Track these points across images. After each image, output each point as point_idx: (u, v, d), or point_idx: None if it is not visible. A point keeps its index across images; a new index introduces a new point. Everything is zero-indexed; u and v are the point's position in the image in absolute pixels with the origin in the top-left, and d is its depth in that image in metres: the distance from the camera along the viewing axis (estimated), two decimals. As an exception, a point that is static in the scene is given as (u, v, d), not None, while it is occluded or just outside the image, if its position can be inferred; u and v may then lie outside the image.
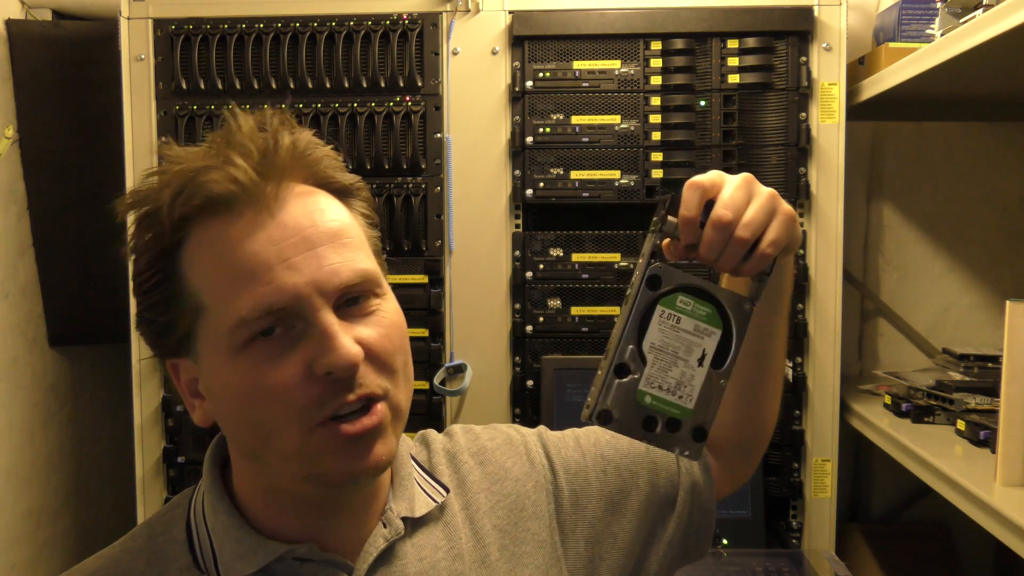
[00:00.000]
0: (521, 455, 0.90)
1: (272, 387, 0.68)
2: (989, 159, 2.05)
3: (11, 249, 1.92)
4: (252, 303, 0.67)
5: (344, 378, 0.69)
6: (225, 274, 0.69)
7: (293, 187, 0.72)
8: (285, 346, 0.69)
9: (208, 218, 0.70)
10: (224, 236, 0.69)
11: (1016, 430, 1.19)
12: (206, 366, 0.72)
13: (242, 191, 0.69)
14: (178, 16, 1.70)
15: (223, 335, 0.69)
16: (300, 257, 0.69)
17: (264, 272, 0.68)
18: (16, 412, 1.92)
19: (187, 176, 0.69)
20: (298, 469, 0.71)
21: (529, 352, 1.70)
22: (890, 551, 1.98)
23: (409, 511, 0.80)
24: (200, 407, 0.75)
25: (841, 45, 1.66)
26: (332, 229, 0.71)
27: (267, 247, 0.68)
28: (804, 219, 1.69)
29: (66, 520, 2.08)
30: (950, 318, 2.08)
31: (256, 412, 0.69)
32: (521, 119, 1.68)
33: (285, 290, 0.68)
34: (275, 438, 0.70)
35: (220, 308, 0.69)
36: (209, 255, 0.70)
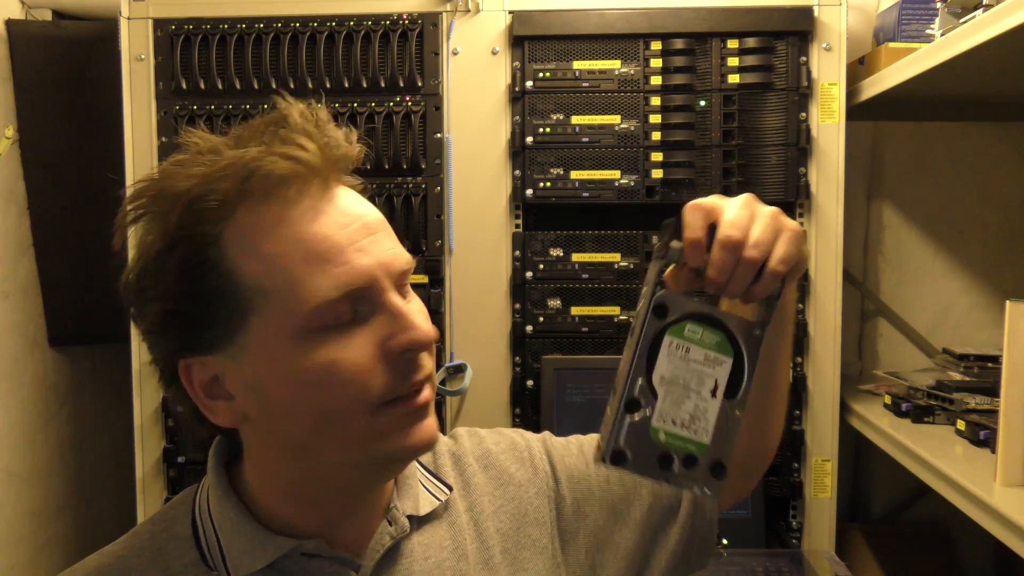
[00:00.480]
0: (525, 461, 0.90)
1: (347, 370, 0.68)
2: (989, 159, 2.05)
3: (11, 249, 1.92)
4: (331, 283, 0.67)
5: (414, 357, 0.71)
6: (295, 257, 0.68)
7: (339, 179, 0.74)
8: (353, 329, 0.69)
9: (260, 204, 0.68)
10: (286, 219, 0.68)
11: (1016, 430, 1.19)
12: (257, 356, 0.69)
13: (309, 173, 0.69)
14: (178, 16, 1.70)
15: (295, 318, 0.67)
16: (366, 241, 0.70)
17: (338, 253, 0.68)
18: (16, 412, 1.92)
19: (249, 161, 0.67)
20: (359, 454, 0.71)
21: (529, 352, 1.70)
22: (890, 551, 1.98)
23: (414, 509, 0.81)
24: (226, 407, 0.72)
25: (841, 45, 1.66)
26: (381, 218, 0.74)
27: (336, 230, 0.69)
28: (804, 219, 1.69)
29: (66, 520, 2.08)
30: (950, 318, 2.08)
31: (322, 398, 0.69)
32: (521, 119, 1.68)
33: (361, 271, 0.69)
34: (339, 423, 0.70)
35: (291, 292, 0.67)
36: (271, 239, 0.68)
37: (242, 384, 0.71)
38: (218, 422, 0.73)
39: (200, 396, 0.72)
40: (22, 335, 1.94)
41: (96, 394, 2.17)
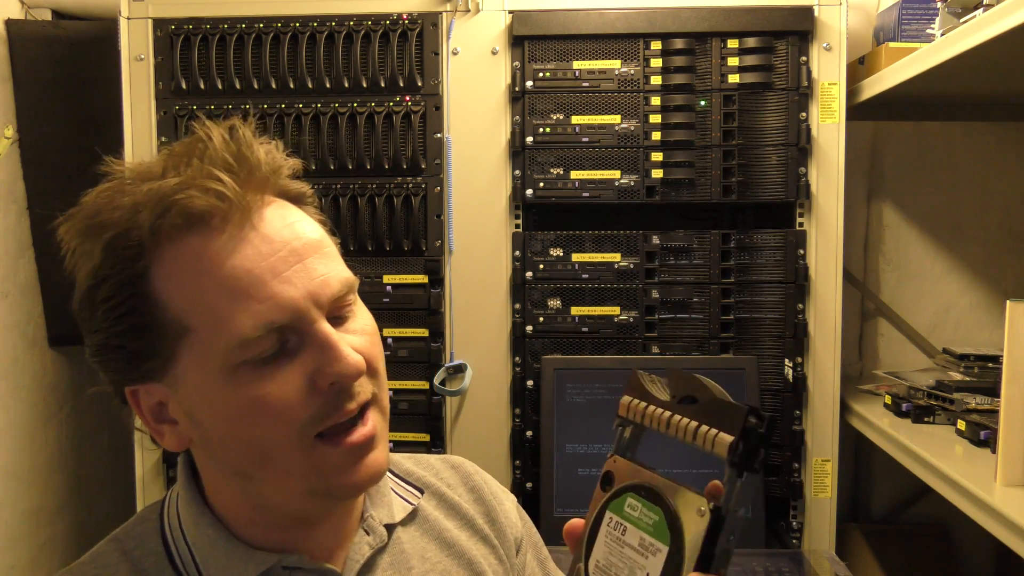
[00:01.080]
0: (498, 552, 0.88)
1: (273, 404, 0.66)
2: (989, 159, 2.05)
3: (11, 249, 1.92)
4: (253, 321, 0.65)
5: (346, 388, 0.68)
6: (216, 292, 0.66)
7: (269, 199, 0.70)
8: (282, 362, 0.67)
9: (183, 235, 0.66)
10: (207, 253, 0.66)
11: (1016, 430, 1.19)
12: (189, 388, 0.69)
13: (225, 204, 0.66)
14: (178, 16, 1.70)
15: (217, 355, 0.66)
16: (291, 271, 0.67)
17: (259, 288, 0.66)
18: (16, 412, 1.92)
19: (164, 195, 0.65)
20: (298, 485, 0.70)
21: (529, 352, 1.70)
22: (890, 551, 1.98)
23: (389, 517, 0.81)
24: (172, 432, 0.72)
25: (841, 45, 1.66)
26: (313, 240, 0.70)
27: (257, 262, 0.66)
28: (804, 219, 1.69)
29: (66, 520, 2.08)
30: (950, 318, 2.08)
31: (253, 432, 0.67)
32: (521, 119, 1.68)
33: (284, 305, 0.66)
34: (273, 456, 0.68)
35: (213, 328, 0.66)
36: (192, 274, 0.66)
37: (182, 412, 0.71)
38: (165, 446, 0.73)
39: (149, 420, 0.73)
40: (22, 335, 1.94)
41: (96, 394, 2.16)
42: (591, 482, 1.90)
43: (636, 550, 0.58)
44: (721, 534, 0.55)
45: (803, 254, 1.67)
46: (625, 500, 0.60)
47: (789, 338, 1.68)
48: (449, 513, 0.87)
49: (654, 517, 0.58)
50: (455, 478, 0.91)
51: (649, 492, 0.59)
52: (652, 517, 0.58)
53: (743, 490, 0.55)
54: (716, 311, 1.69)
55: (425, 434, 1.71)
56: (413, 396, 1.70)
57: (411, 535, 0.82)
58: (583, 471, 1.64)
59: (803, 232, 1.68)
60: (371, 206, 1.70)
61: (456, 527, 0.86)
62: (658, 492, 0.58)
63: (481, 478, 0.93)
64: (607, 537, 0.60)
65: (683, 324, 1.69)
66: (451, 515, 0.87)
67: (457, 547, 0.84)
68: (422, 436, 1.71)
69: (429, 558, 0.82)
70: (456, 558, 0.83)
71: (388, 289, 1.70)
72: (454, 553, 0.84)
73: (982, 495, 1.20)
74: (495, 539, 0.88)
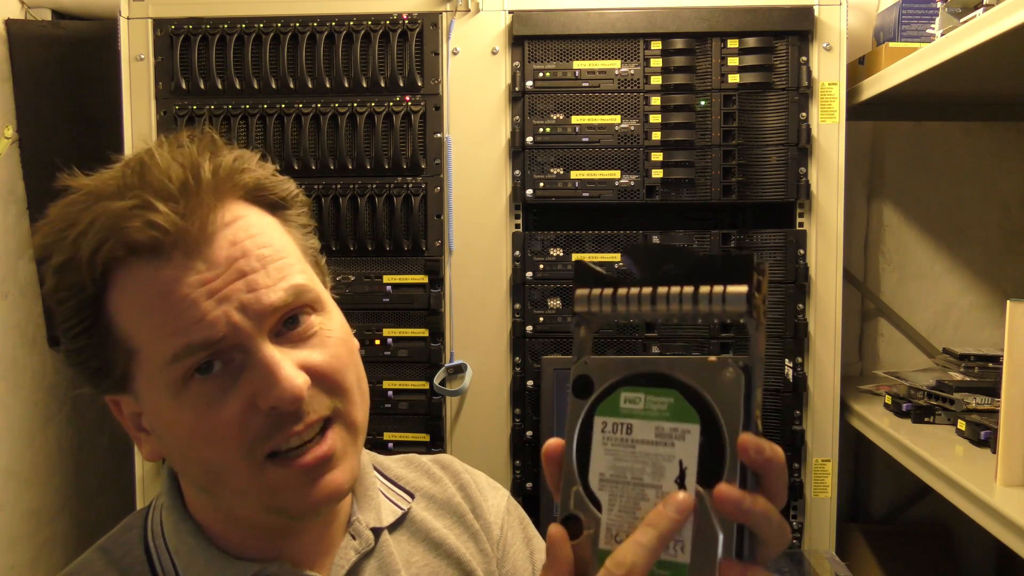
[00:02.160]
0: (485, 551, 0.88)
1: (215, 426, 0.65)
2: (989, 159, 2.05)
3: (11, 249, 1.92)
4: (183, 340, 0.64)
5: (288, 411, 0.66)
6: (154, 317, 0.66)
7: (221, 217, 0.67)
8: (226, 383, 0.66)
9: (133, 261, 0.66)
10: (152, 281, 0.65)
11: (1017, 430, 1.19)
12: (148, 405, 0.70)
13: (166, 236, 0.64)
14: (178, 16, 1.70)
15: (159, 376, 0.66)
16: (230, 288, 0.66)
17: (193, 308, 0.65)
18: (16, 412, 1.92)
19: (104, 224, 0.64)
20: (255, 503, 0.69)
21: (529, 352, 1.70)
22: (890, 551, 1.98)
23: (377, 521, 0.79)
24: (147, 441, 0.72)
25: (841, 45, 1.66)
26: (263, 255, 0.68)
27: (196, 287, 0.65)
28: (804, 219, 1.69)
29: (66, 520, 2.08)
30: (950, 318, 2.08)
31: (202, 452, 0.67)
32: (521, 119, 1.68)
33: (214, 323, 0.65)
34: (225, 475, 0.67)
35: (151, 348, 0.66)
36: (136, 299, 0.66)
37: (149, 426, 0.71)
38: (142, 453, 0.73)
39: (128, 426, 0.73)
40: (22, 335, 1.94)
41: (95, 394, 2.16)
42: (591, 482, 1.84)
43: (653, 443, 0.51)
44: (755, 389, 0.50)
45: (803, 254, 1.67)
46: (618, 397, 0.53)
47: (789, 338, 1.68)
48: (440, 512, 0.86)
49: (667, 400, 0.51)
50: (445, 475, 0.91)
51: (650, 377, 0.52)
52: (664, 401, 0.52)
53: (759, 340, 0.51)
54: (716, 311, 1.68)
55: (425, 434, 1.70)
56: (413, 396, 1.70)
57: (399, 540, 0.81)
58: (583, 471, 1.64)
59: (803, 232, 1.68)
60: (371, 206, 1.70)
61: (445, 526, 0.85)
62: (663, 373, 0.52)
63: (469, 475, 0.92)
64: (606, 444, 0.52)
65: (683, 324, 1.69)
66: (442, 514, 0.86)
67: (445, 546, 0.84)
68: (422, 436, 1.70)
69: (415, 562, 0.81)
70: (444, 558, 0.83)
71: (388, 289, 1.70)
72: (442, 553, 0.83)
73: (982, 495, 1.20)
74: (482, 533, 0.87)
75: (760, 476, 0.50)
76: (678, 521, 0.50)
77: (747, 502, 0.49)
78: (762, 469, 0.50)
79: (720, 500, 0.48)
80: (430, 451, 1.69)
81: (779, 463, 0.51)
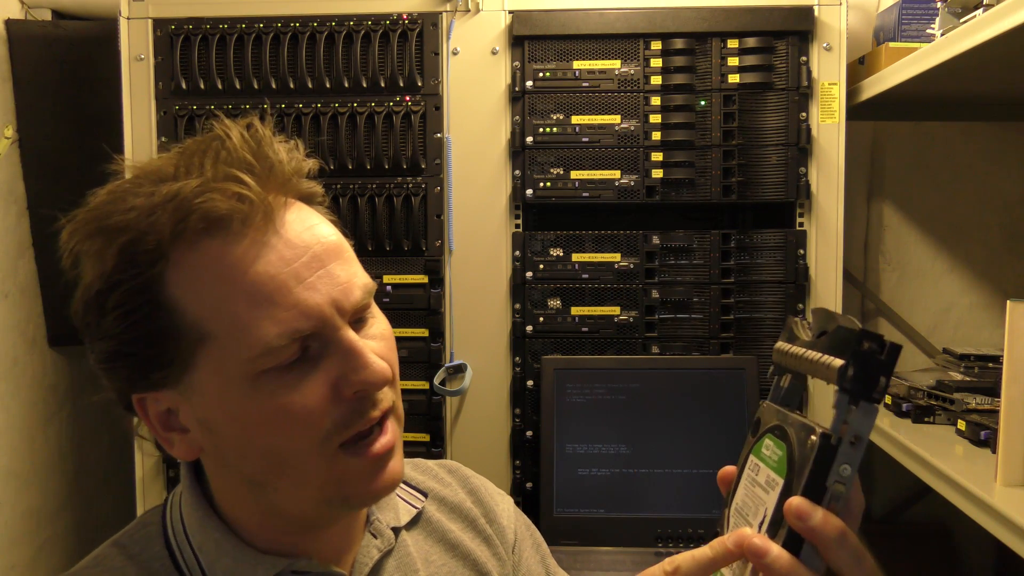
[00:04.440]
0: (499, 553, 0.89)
1: (297, 413, 0.65)
2: (989, 159, 2.05)
3: (11, 249, 1.92)
4: (278, 329, 0.63)
5: (369, 396, 0.67)
6: (239, 299, 0.64)
7: (289, 200, 0.68)
8: (304, 369, 0.65)
9: (203, 239, 0.64)
10: (228, 258, 0.64)
11: (1017, 430, 1.19)
12: (206, 396, 0.67)
13: (249, 208, 0.64)
14: (178, 16, 1.70)
15: (239, 363, 0.64)
16: (315, 276, 0.66)
17: (284, 295, 0.64)
18: (16, 412, 1.92)
19: (186, 197, 0.63)
20: (316, 494, 0.69)
21: (529, 352, 1.70)
22: (890, 551, 1.98)
23: (395, 520, 0.80)
24: (183, 440, 0.70)
25: (841, 45, 1.66)
26: (334, 244, 0.69)
27: (280, 268, 0.65)
28: (804, 219, 1.69)
29: (66, 520, 2.08)
30: (950, 318, 2.08)
31: (273, 440, 0.66)
32: (521, 119, 1.68)
33: (310, 313, 0.65)
34: (292, 465, 0.67)
35: (235, 335, 0.64)
36: (213, 279, 0.64)
37: (194, 420, 0.69)
38: (175, 455, 0.71)
39: (157, 428, 0.71)
40: (22, 335, 1.94)
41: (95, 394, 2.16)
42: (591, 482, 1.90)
43: (763, 487, 0.57)
44: (833, 463, 0.53)
45: (803, 254, 1.67)
46: (763, 442, 0.59)
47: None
48: (452, 515, 0.87)
49: (779, 452, 0.57)
50: (453, 480, 0.91)
51: (780, 430, 0.58)
52: (778, 453, 0.57)
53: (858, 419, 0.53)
54: (716, 311, 1.69)
55: (425, 434, 1.70)
56: (413, 396, 1.70)
57: (415, 538, 0.82)
58: (583, 471, 1.64)
59: (803, 232, 1.68)
60: (371, 206, 1.70)
61: (459, 528, 0.86)
62: (785, 428, 0.57)
63: (479, 480, 0.93)
64: (746, 480, 0.60)
65: (683, 324, 1.70)
66: (454, 516, 0.87)
67: (461, 548, 0.84)
68: (422, 436, 1.70)
69: (434, 560, 0.82)
70: (461, 559, 0.84)
71: (388, 289, 1.70)
72: (459, 555, 0.84)
73: (982, 495, 1.20)
74: (496, 539, 0.88)
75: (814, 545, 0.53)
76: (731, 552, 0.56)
77: (771, 556, 0.53)
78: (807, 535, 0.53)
79: (747, 548, 0.54)
80: (430, 451, 1.70)
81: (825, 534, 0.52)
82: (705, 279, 1.69)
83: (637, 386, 1.65)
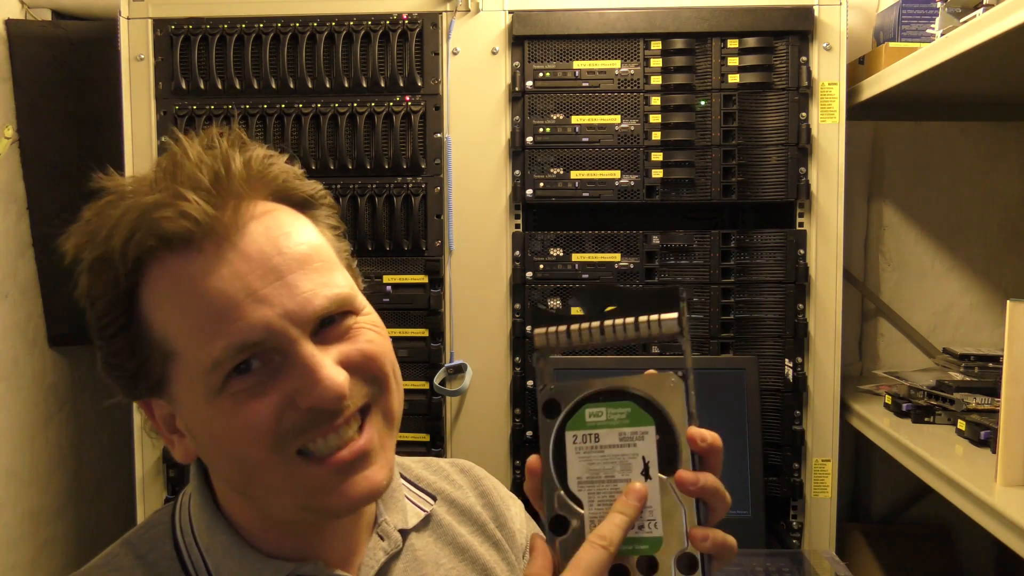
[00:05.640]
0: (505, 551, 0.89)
1: (249, 422, 0.65)
2: (989, 159, 2.05)
3: (11, 249, 1.92)
4: (224, 343, 0.64)
5: (328, 410, 0.66)
6: (191, 317, 0.65)
7: (252, 209, 0.67)
8: (264, 382, 0.65)
9: (166, 255, 0.65)
10: (185, 275, 0.65)
11: (1017, 430, 1.19)
12: (184, 407, 0.69)
13: (197, 226, 0.64)
14: (178, 16, 1.70)
15: (198, 379, 0.65)
16: (269, 288, 0.65)
17: (232, 310, 0.64)
18: (16, 412, 1.91)
19: (136, 216, 0.64)
20: (289, 502, 0.69)
21: (529, 352, 1.70)
22: (890, 551, 1.98)
23: (403, 522, 0.80)
24: (181, 443, 0.72)
25: (841, 45, 1.66)
26: (300, 254, 0.67)
27: (232, 282, 0.64)
28: (804, 219, 1.69)
29: (66, 520, 2.08)
30: (950, 318, 2.08)
31: (236, 450, 0.66)
32: (521, 119, 1.68)
33: (255, 326, 0.64)
34: (259, 473, 0.67)
35: (192, 353, 0.65)
36: (171, 297, 0.66)
37: (184, 427, 0.71)
38: (176, 456, 0.73)
39: (162, 430, 0.73)
40: (22, 335, 1.94)
41: (96, 394, 2.17)
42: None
43: (618, 446, 0.62)
44: (691, 392, 0.62)
45: (803, 254, 1.67)
46: (584, 413, 0.63)
47: (789, 338, 1.68)
48: (462, 518, 0.86)
49: (625, 410, 0.62)
50: (465, 481, 0.91)
51: (609, 394, 0.62)
52: (623, 411, 0.62)
53: (689, 354, 0.63)
54: (716, 311, 1.69)
55: (425, 434, 1.71)
56: (413, 396, 1.70)
57: (425, 541, 0.82)
58: (583, 471, 1.64)
59: (803, 232, 1.68)
60: (371, 206, 1.70)
61: (469, 532, 0.85)
62: (619, 389, 0.62)
63: (490, 482, 0.92)
64: (578, 453, 0.62)
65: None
66: (463, 520, 0.86)
67: (470, 552, 0.84)
68: (422, 436, 1.71)
69: (443, 564, 0.81)
70: (470, 563, 0.83)
71: (388, 289, 1.70)
72: (468, 559, 0.83)
73: (982, 495, 1.20)
74: (506, 544, 0.88)
75: (704, 459, 0.63)
76: (638, 507, 0.61)
77: (702, 480, 0.61)
78: (706, 453, 0.63)
79: (681, 482, 0.61)
80: (430, 452, 1.70)
81: (718, 446, 0.63)
82: (705, 279, 1.69)
83: (637, 386, 1.65)
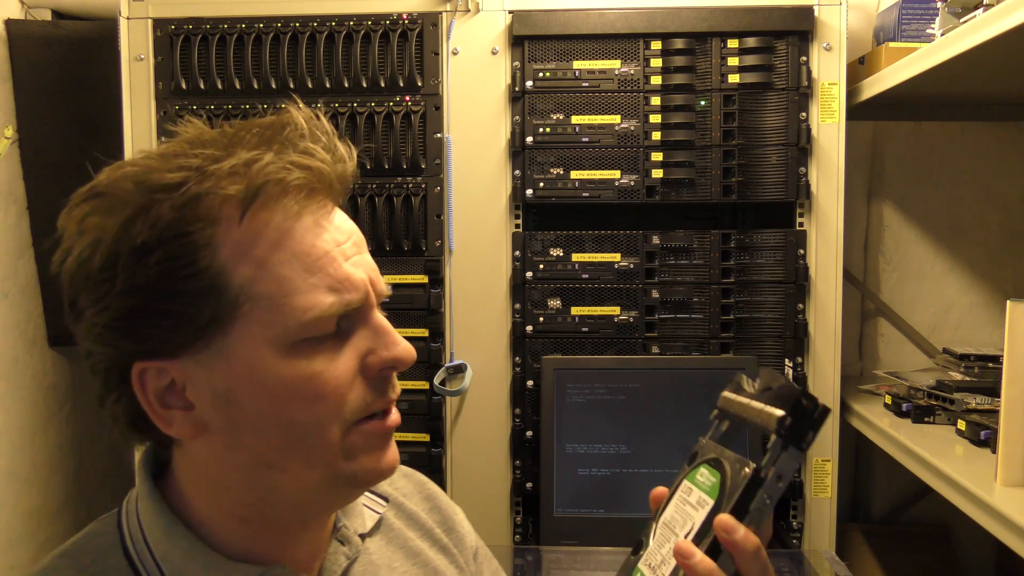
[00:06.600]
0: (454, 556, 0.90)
1: (326, 383, 0.66)
2: (989, 159, 2.05)
3: (11, 249, 1.92)
4: (331, 298, 0.66)
5: (390, 376, 0.71)
6: (293, 265, 0.66)
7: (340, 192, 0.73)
8: (335, 344, 0.68)
9: (260, 210, 0.65)
10: (289, 230, 0.66)
11: (1017, 430, 1.19)
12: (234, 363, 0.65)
13: (320, 185, 0.68)
14: (178, 16, 1.70)
15: (284, 329, 0.65)
16: (358, 258, 0.70)
17: (337, 268, 0.68)
18: (16, 412, 1.91)
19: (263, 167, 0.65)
20: (322, 471, 0.68)
21: (529, 352, 1.70)
22: (890, 551, 1.98)
23: (362, 527, 0.81)
24: (184, 417, 0.67)
25: (841, 45, 1.66)
26: (364, 240, 0.73)
27: (333, 246, 0.68)
28: (804, 219, 1.69)
29: (66, 520, 2.08)
30: (950, 318, 2.08)
31: (297, 411, 0.66)
32: (521, 119, 1.68)
33: (359, 286, 0.69)
34: (310, 438, 0.67)
35: (285, 301, 0.65)
36: (268, 245, 0.65)
37: (209, 393, 0.66)
38: (172, 433, 0.68)
39: (152, 404, 0.67)
40: (22, 335, 1.94)
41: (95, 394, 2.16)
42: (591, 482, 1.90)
43: (693, 506, 0.68)
44: (758, 492, 0.64)
45: (803, 254, 1.68)
46: (698, 471, 0.70)
47: (789, 338, 1.68)
48: (409, 523, 0.87)
49: (713, 479, 0.68)
50: (409, 487, 0.91)
51: (716, 461, 0.69)
52: (712, 479, 0.68)
53: (785, 462, 0.64)
54: (716, 311, 1.69)
55: (425, 434, 1.71)
56: (413, 396, 1.70)
57: (378, 545, 0.82)
58: (583, 471, 1.64)
59: (803, 232, 1.68)
60: (371, 206, 1.70)
61: (417, 537, 0.86)
62: (721, 460, 0.68)
63: (434, 488, 0.93)
64: (678, 499, 0.70)
65: (683, 324, 1.70)
66: (411, 525, 0.87)
67: (422, 557, 0.85)
68: (422, 436, 1.71)
69: (396, 568, 0.82)
70: (422, 567, 0.84)
71: (388, 289, 1.70)
72: (420, 562, 0.84)
73: (982, 495, 1.20)
74: (453, 548, 0.89)
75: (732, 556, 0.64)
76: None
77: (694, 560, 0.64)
78: (730, 549, 0.64)
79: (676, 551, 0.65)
80: (430, 451, 1.70)
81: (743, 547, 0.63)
82: (705, 279, 1.69)
83: (637, 386, 1.65)
